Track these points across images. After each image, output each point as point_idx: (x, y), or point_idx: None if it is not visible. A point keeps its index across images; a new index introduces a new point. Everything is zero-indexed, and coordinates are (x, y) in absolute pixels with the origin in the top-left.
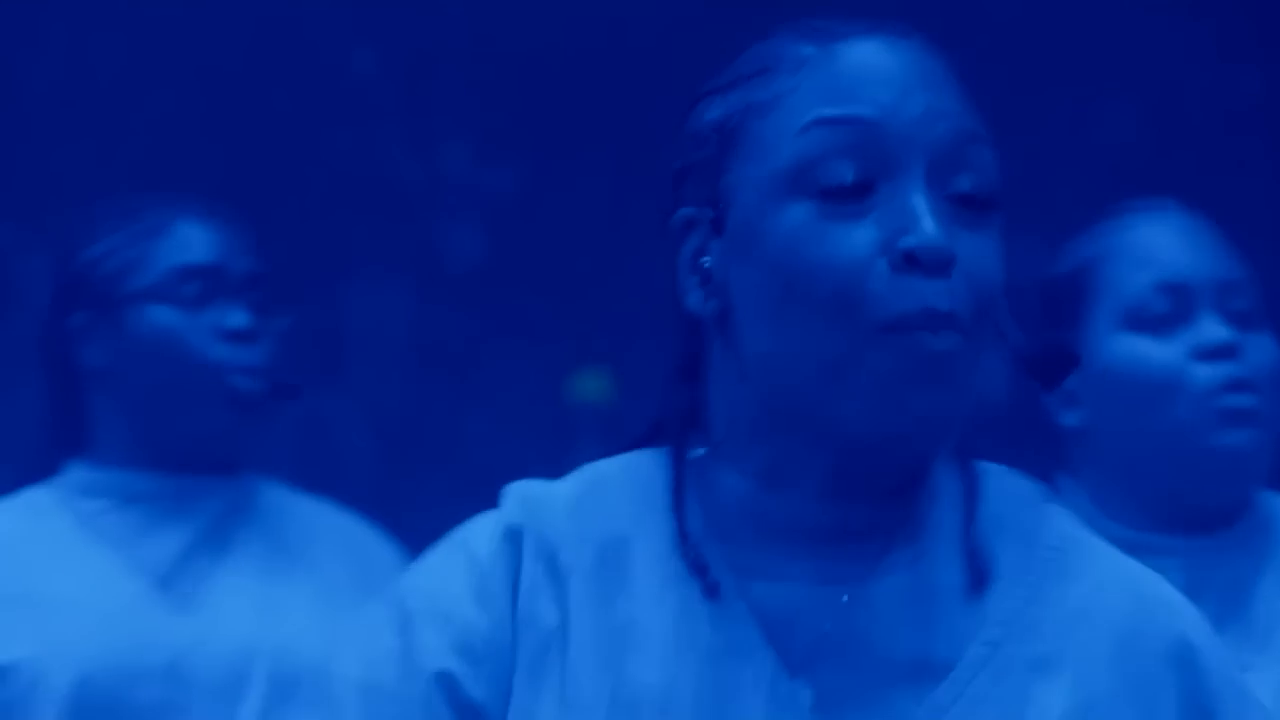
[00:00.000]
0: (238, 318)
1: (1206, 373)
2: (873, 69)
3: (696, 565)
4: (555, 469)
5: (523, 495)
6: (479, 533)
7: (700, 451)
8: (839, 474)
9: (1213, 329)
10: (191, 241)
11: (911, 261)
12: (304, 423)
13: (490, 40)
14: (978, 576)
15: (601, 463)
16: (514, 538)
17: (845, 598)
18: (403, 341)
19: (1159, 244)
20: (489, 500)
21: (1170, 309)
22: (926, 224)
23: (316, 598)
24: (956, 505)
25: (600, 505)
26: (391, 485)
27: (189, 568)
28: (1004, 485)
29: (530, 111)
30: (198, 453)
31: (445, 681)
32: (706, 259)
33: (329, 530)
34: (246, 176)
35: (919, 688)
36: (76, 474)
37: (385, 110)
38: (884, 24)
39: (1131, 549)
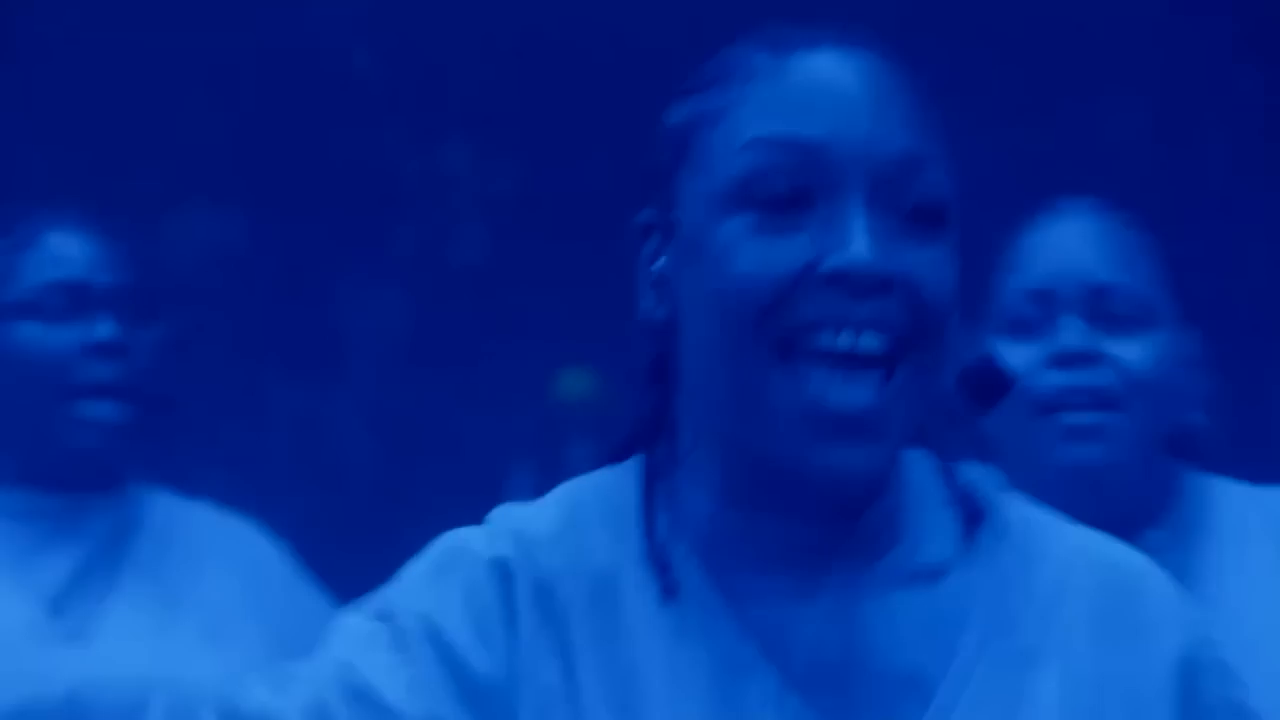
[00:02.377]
0: (103, 331)
1: (1055, 380)
2: (820, 86)
3: (669, 586)
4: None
5: (512, 531)
6: (472, 560)
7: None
8: (786, 496)
9: (1069, 335)
10: (60, 254)
11: (837, 281)
12: (303, 422)
13: (491, 40)
14: (958, 576)
15: (576, 484)
16: (507, 576)
17: (833, 612)
18: (402, 341)
19: (1035, 249)
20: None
21: (1037, 314)
22: (856, 244)
23: (208, 619)
24: (928, 503)
25: (582, 537)
26: (390, 484)
27: (79, 593)
28: (964, 476)
29: (531, 111)
30: (70, 472)
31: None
32: (658, 264)
33: (219, 542)
34: (246, 176)
35: (917, 695)
36: None
37: (385, 110)
38: (844, 34)
39: None
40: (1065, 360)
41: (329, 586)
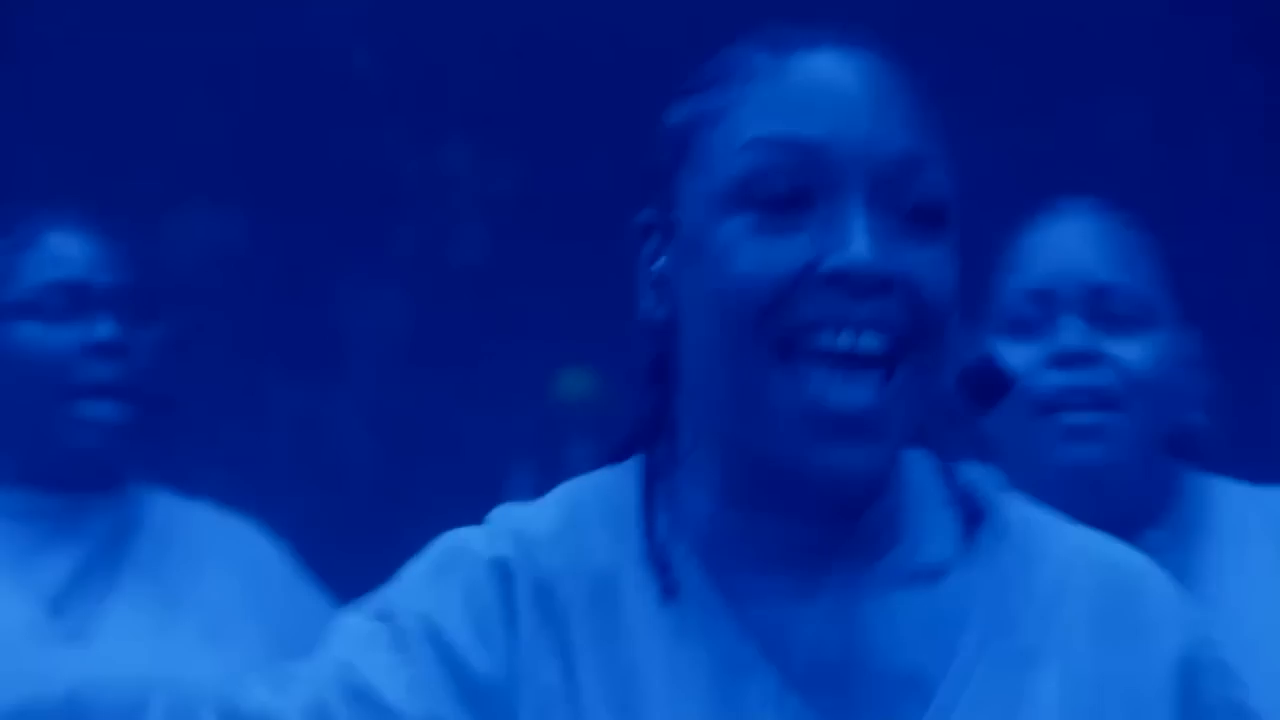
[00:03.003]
0: (103, 331)
1: (1055, 380)
2: (819, 87)
3: (669, 586)
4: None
5: (512, 531)
6: (472, 560)
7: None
8: (786, 496)
9: (1069, 335)
10: (60, 254)
11: (837, 281)
12: (303, 422)
13: (491, 40)
14: (958, 576)
15: (576, 484)
16: (507, 576)
17: (833, 612)
18: (402, 341)
19: (1035, 249)
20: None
21: (1037, 314)
22: (856, 244)
23: (208, 619)
24: (928, 503)
25: (582, 537)
26: (390, 484)
27: (80, 593)
28: (964, 476)
29: (531, 111)
30: (70, 472)
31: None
32: (658, 264)
33: (219, 542)
34: (246, 176)
35: (917, 695)
36: None
37: (385, 110)
38: (844, 34)
39: None
40: (1065, 360)
41: (329, 586)
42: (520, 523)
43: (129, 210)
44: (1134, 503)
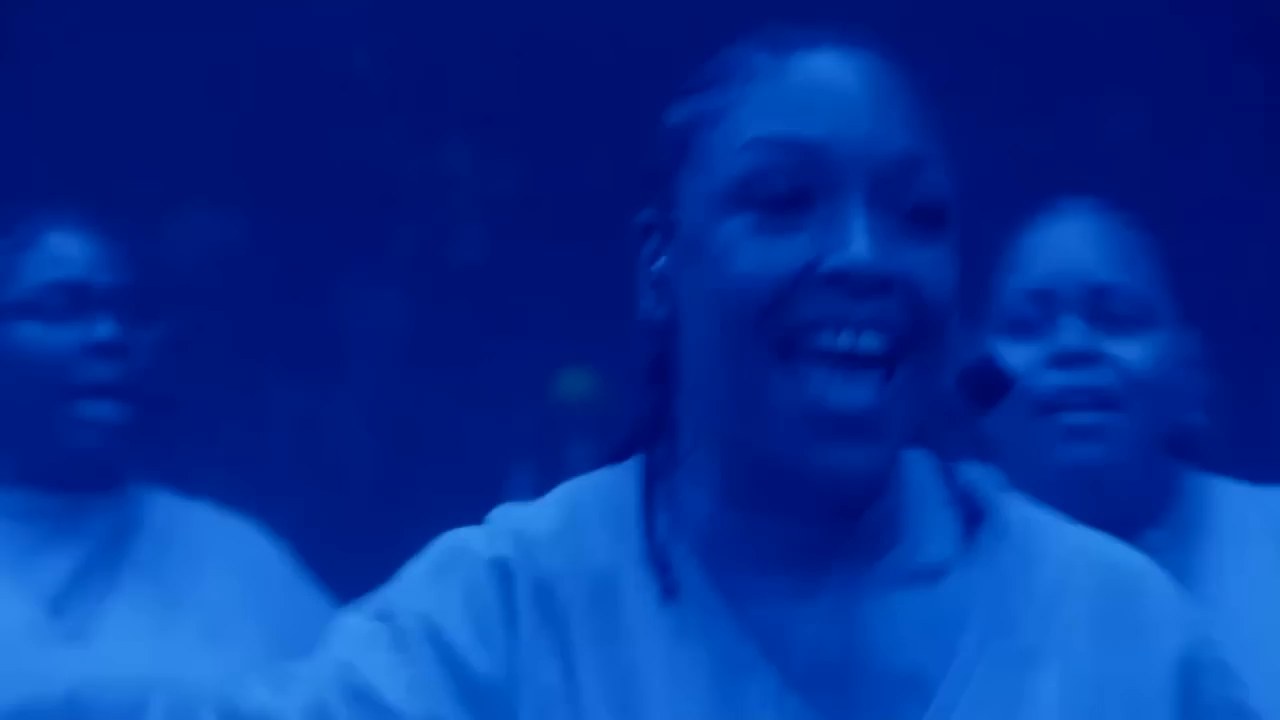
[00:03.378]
0: (103, 331)
1: (1055, 380)
2: (819, 87)
3: (669, 586)
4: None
5: (512, 531)
6: (472, 560)
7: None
8: (786, 496)
9: (1069, 335)
10: (60, 254)
11: (837, 281)
12: (303, 422)
13: (491, 40)
14: (958, 576)
15: (576, 484)
16: (507, 576)
17: (833, 612)
18: (402, 341)
19: (1035, 249)
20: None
21: (1037, 314)
22: (856, 244)
23: (208, 620)
24: (928, 503)
25: (582, 537)
26: (390, 484)
27: (80, 593)
28: (964, 476)
29: (531, 111)
30: (70, 472)
31: None
32: (658, 264)
33: (219, 542)
34: (246, 176)
35: (917, 695)
36: None
37: (385, 110)
38: (844, 34)
39: None
40: (1065, 360)
41: (329, 586)
42: (520, 523)
43: (129, 210)
44: (1134, 503)
